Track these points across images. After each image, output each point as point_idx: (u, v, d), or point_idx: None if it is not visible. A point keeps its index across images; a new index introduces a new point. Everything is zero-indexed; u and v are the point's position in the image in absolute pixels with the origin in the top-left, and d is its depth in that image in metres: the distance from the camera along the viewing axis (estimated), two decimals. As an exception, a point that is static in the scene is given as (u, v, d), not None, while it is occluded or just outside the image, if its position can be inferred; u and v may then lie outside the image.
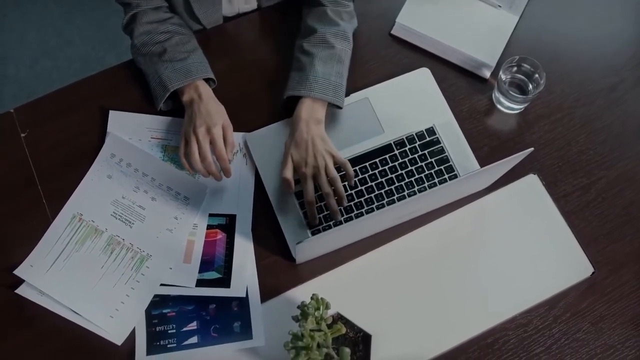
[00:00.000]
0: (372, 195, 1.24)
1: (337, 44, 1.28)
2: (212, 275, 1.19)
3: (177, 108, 1.28)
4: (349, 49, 1.30)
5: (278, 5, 1.40)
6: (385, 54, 1.36)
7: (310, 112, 1.24)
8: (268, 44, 1.37)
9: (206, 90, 1.25)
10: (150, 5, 1.27)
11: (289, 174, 1.21)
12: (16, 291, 1.16)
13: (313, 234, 1.21)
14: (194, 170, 1.21)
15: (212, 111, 1.22)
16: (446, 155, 1.27)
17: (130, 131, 1.27)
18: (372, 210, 1.23)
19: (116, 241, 1.20)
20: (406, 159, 1.26)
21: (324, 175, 1.20)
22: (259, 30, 1.40)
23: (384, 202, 1.24)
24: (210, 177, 1.22)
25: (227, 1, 1.35)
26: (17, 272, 1.17)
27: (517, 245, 1.23)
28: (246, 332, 1.15)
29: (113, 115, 1.28)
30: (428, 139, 1.28)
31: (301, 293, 1.18)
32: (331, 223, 1.22)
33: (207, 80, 1.28)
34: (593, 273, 1.21)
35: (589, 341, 1.18)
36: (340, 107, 1.27)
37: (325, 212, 1.22)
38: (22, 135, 1.28)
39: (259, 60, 1.35)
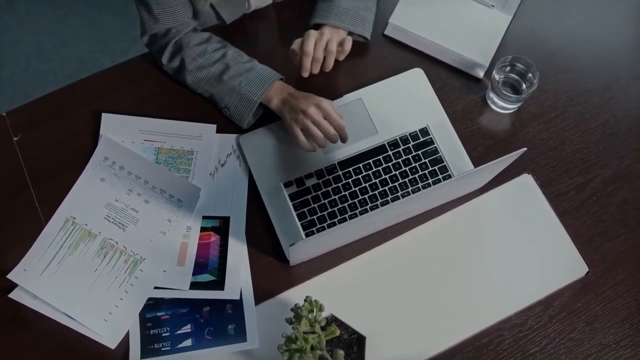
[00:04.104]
0: (366, 196, 1.24)
1: None
2: (206, 277, 1.18)
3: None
4: None
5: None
6: (378, 54, 1.36)
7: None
8: (266, 43, 1.37)
9: (290, 88, 1.25)
10: (189, 27, 1.28)
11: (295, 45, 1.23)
12: (9, 295, 1.16)
13: (307, 235, 1.21)
14: (314, 149, 1.22)
15: (308, 95, 1.23)
16: (440, 156, 1.27)
17: (123, 134, 1.27)
18: (366, 211, 1.23)
19: (109, 244, 1.20)
20: (400, 160, 1.26)
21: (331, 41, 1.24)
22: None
23: (378, 203, 1.24)
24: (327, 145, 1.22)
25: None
26: (10, 276, 1.17)
27: (511, 245, 1.23)
28: (240, 334, 1.15)
29: (106, 117, 1.28)
30: (422, 139, 1.28)
31: (295, 295, 1.18)
32: (325, 225, 1.21)
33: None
34: (588, 272, 1.21)
35: (583, 341, 1.17)
36: (366, 39, 1.32)
37: (320, 213, 1.22)
38: (15, 138, 1.27)
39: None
